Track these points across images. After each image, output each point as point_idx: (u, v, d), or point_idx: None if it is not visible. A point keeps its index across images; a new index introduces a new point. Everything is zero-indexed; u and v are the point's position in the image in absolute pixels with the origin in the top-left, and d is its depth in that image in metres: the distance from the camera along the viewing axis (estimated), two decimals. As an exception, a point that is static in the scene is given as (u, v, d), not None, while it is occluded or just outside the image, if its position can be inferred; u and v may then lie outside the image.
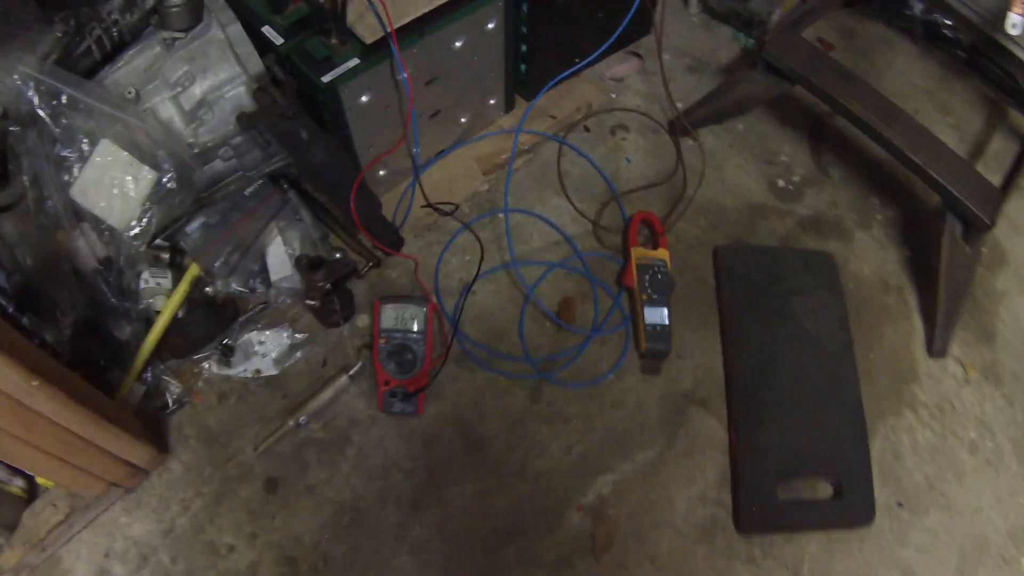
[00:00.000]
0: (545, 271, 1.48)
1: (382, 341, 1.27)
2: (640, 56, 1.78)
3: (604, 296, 1.46)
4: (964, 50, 1.83)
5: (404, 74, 1.16)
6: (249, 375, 1.35)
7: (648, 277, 1.40)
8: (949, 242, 1.38)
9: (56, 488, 1.24)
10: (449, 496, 1.25)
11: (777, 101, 1.67)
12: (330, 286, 1.28)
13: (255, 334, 1.36)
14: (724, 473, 1.29)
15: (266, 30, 1.25)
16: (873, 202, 1.62)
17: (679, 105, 1.68)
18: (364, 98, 1.25)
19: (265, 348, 1.35)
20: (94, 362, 1.30)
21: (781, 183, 1.64)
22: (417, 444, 1.29)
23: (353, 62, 1.20)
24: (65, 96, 1.16)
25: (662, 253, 1.44)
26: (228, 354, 1.35)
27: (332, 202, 1.32)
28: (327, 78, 1.18)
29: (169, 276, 1.31)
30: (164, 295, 1.30)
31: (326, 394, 1.30)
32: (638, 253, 1.43)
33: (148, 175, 1.21)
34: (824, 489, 1.28)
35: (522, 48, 1.50)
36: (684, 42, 1.84)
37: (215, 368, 1.35)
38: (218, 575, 1.21)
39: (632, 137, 1.68)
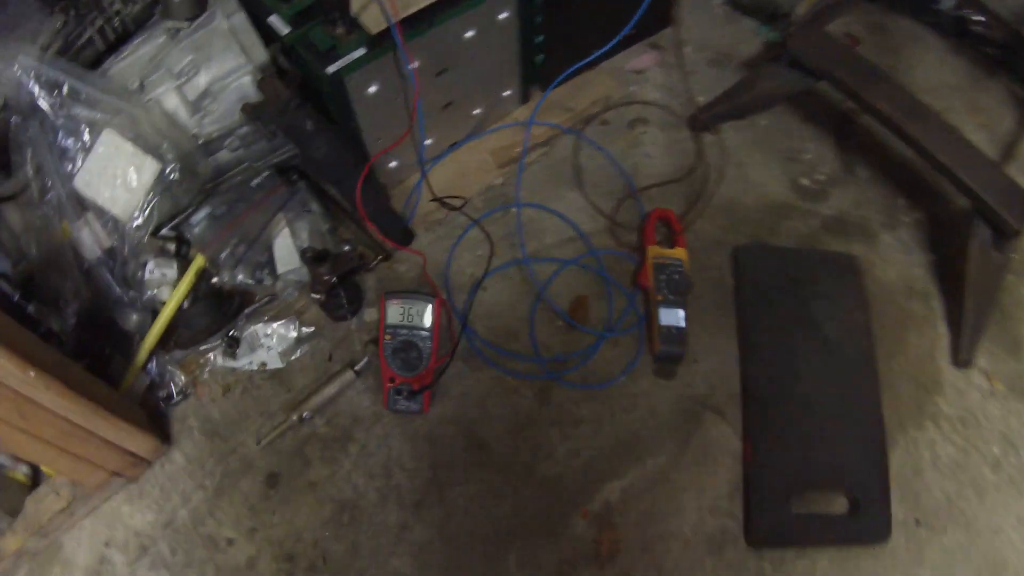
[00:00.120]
0: (558, 268, 1.44)
1: (387, 337, 1.24)
2: (661, 48, 1.74)
3: (618, 296, 1.42)
4: (995, 47, 1.76)
5: (410, 65, 1.12)
6: (254, 368, 1.33)
7: (664, 277, 1.36)
8: (977, 248, 1.33)
9: (59, 476, 1.24)
10: (452, 497, 1.23)
11: (802, 97, 1.61)
12: (336, 279, 1.26)
13: (261, 326, 1.34)
14: (736, 483, 1.25)
15: (272, 20, 1.23)
16: (900, 203, 1.56)
17: (700, 99, 1.63)
18: (371, 89, 1.23)
19: (271, 341, 1.34)
20: (99, 352, 1.30)
21: (805, 182, 1.58)
22: (421, 443, 1.27)
23: (359, 52, 1.17)
24: (66, 86, 1.15)
25: (679, 252, 1.40)
26: (233, 346, 1.33)
27: (339, 194, 1.29)
28: (331, 68, 1.16)
29: (175, 267, 1.29)
30: (169, 286, 1.29)
31: (330, 389, 1.28)
32: (654, 252, 1.39)
33: (151, 165, 1.19)
34: (840, 503, 1.24)
35: (538, 39, 1.46)
36: (706, 35, 1.79)
37: (220, 360, 1.34)
38: (216, 569, 1.20)
39: (651, 131, 1.64)
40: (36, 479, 1.27)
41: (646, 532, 1.21)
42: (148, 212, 1.23)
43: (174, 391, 1.32)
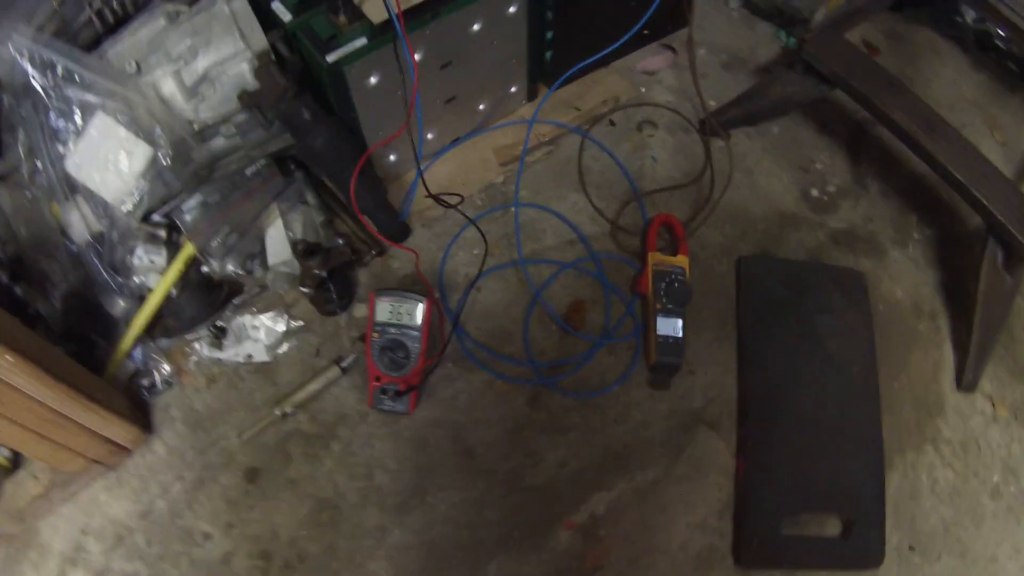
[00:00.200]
0: (556, 271, 1.41)
1: (375, 335, 1.21)
2: (674, 50, 1.70)
3: (617, 302, 1.39)
4: (1017, 63, 1.72)
5: (410, 56, 1.09)
6: (240, 360, 1.31)
7: (664, 285, 1.32)
8: (989, 269, 1.30)
9: (38, 461, 1.22)
10: (434, 502, 1.20)
11: (816, 105, 1.57)
12: (326, 274, 1.23)
13: (249, 318, 1.32)
14: (728, 501, 1.22)
15: (275, 5, 1.20)
16: (911, 219, 1.52)
17: (711, 103, 1.60)
18: (372, 80, 1.20)
19: (258, 333, 1.31)
20: (85, 337, 1.28)
21: (815, 192, 1.54)
22: (405, 445, 1.24)
23: (360, 42, 1.14)
24: (61, 68, 1.12)
25: (681, 260, 1.36)
26: (220, 337, 1.31)
27: (335, 186, 1.26)
28: (331, 57, 1.13)
29: (164, 254, 1.26)
30: (158, 273, 1.27)
31: (316, 385, 1.25)
32: (655, 258, 1.35)
33: (144, 150, 1.17)
34: (833, 526, 1.21)
35: (548, 35, 1.42)
36: (722, 37, 1.75)
37: (206, 350, 1.31)
38: (191, 563, 1.18)
39: (659, 134, 1.60)
40: (16, 462, 1.25)
41: (632, 547, 1.18)
42: (139, 197, 1.20)
43: (158, 380, 1.29)
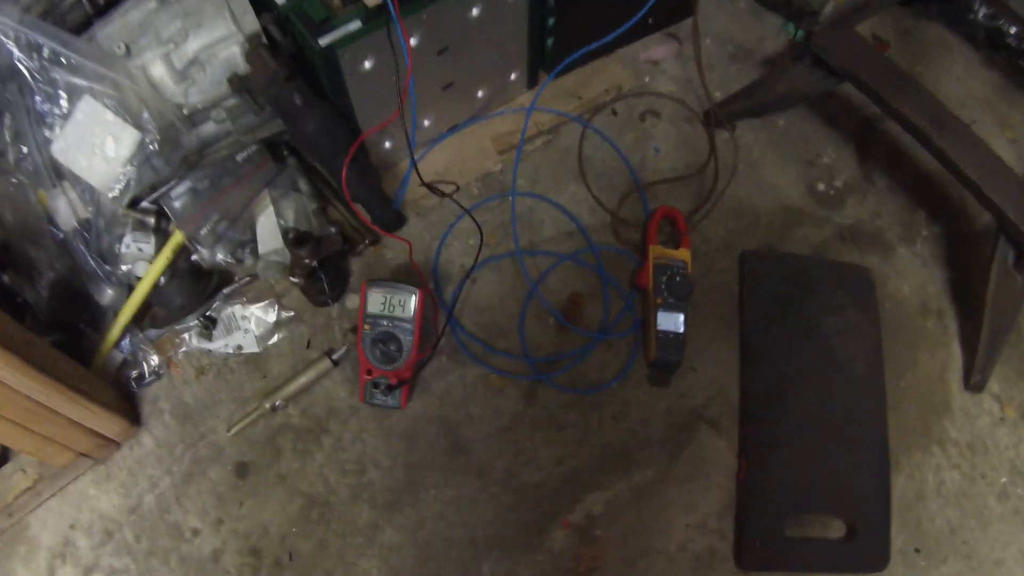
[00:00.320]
0: (554, 263, 1.38)
1: (367, 327, 1.18)
2: (679, 39, 1.66)
3: (616, 296, 1.35)
4: (1029, 61, 1.68)
5: (405, 41, 1.06)
6: (230, 351, 1.28)
7: (665, 279, 1.29)
8: (999, 268, 1.27)
9: (24, 455, 1.19)
10: (427, 500, 1.17)
11: (823, 99, 1.54)
12: (317, 263, 1.20)
13: (239, 308, 1.29)
14: (729, 502, 1.19)
15: (271, -13, 1.16)
16: (919, 216, 1.49)
17: (717, 95, 1.56)
18: (367, 64, 1.16)
19: (248, 324, 1.28)
20: (72, 327, 1.25)
21: (821, 187, 1.51)
22: (397, 441, 1.21)
23: (354, 25, 1.10)
24: (47, 50, 1.09)
25: (683, 253, 1.32)
26: (210, 327, 1.28)
27: (328, 173, 1.23)
28: (324, 41, 1.09)
29: (152, 241, 1.23)
30: (146, 261, 1.23)
31: (306, 378, 1.22)
32: (656, 252, 1.32)
33: (131, 135, 1.13)
34: (837, 528, 1.18)
35: (549, 21, 1.39)
36: (729, 28, 1.71)
37: (195, 341, 1.28)
38: (180, 559, 1.16)
39: (663, 125, 1.56)
40: (4, 456, 1.22)
41: (629, 548, 1.15)
42: (125, 183, 1.17)
43: (147, 371, 1.26)
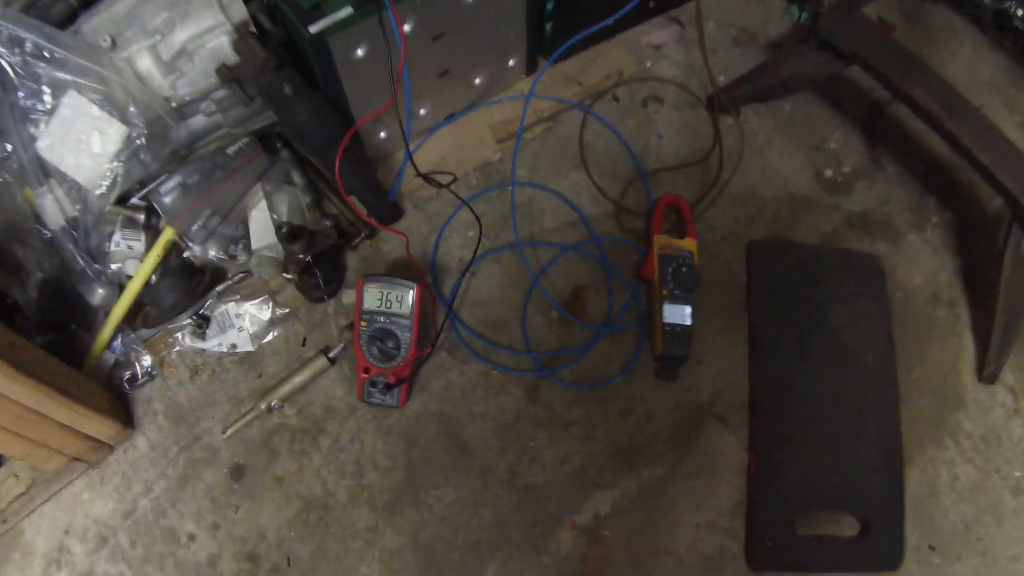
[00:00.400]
0: (556, 254, 1.34)
1: (363, 324, 1.14)
2: (681, 23, 1.61)
3: (620, 288, 1.32)
4: (1037, 44, 1.64)
5: (398, 27, 1.02)
6: (224, 350, 1.24)
7: (671, 270, 1.25)
8: (1012, 256, 1.24)
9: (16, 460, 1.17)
10: (428, 501, 1.14)
11: (829, 83, 1.49)
12: (311, 259, 1.16)
13: (233, 306, 1.25)
14: (739, 499, 1.16)
15: (257, -27, 1.12)
16: (929, 202, 1.45)
17: (721, 79, 1.51)
18: (359, 52, 1.12)
19: (242, 322, 1.25)
20: (63, 328, 1.22)
21: (829, 173, 1.47)
22: (396, 440, 1.18)
23: (345, 11, 1.06)
24: (29, 44, 1.05)
25: (689, 243, 1.29)
26: (203, 326, 1.25)
27: (321, 165, 1.19)
28: (314, 28, 1.05)
29: (142, 239, 1.20)
30: (136, 259, 1.20)
31: (302, 377, 1.19)
32: (662, 242, 1.28)
33: (118, 130, 1.10)
34: (849, 525, 1.15)
35: (548, 5, 1.34)
36: (731, 11, 1.66)
37: (188, 340, 1.25)
38: (176, 565, 1.13)
39: (666, 111, 1.52)
40: (-2, 461, 1.20)
41: (637, 549, 1.12)
42: (113, 179, 1.13)
43: (139, 372, 1.23)
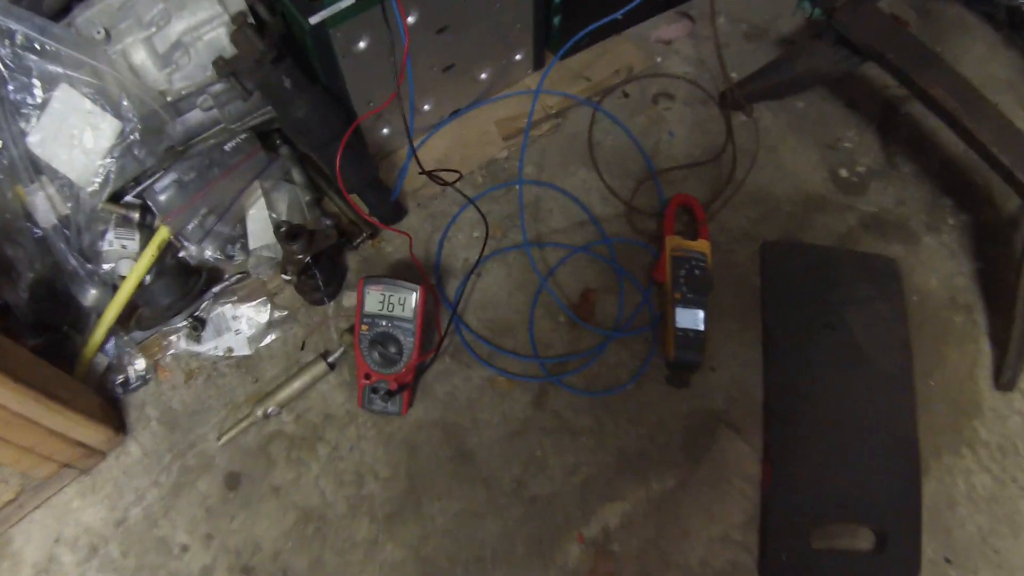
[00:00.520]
0: (565, 256, 1.30)
1: (364, 327, 1.10)
2: (692, 18, 1.57)
3: (631, 291, 1.28)
4: (1051, 42, 1.60)
5: (401, 19, 0.98)
6: (220, 353, 1.21)
7: (684, 272, 1.21)
8: (1031, 259, 1.19)
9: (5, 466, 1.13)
10: (430, 513, 1.10)
11: (844, 79, 1.46)
12: (310, 259, 1.12)
13: (230, 307, 1.21)
14: (753, 512, 1.12)
15: (258, -37, 1.08)
16: (946, 204, 1.41)
17: (733, 75, 1.48)
18: (361, 44, 1.08)
19: (239, 324, 1.21)
20: (55, 329, 1.19)
21: (844, 172, 1.43)
22: (398, 449, 1.14)
23: (347, 1, 1.02)
24: (20, 36, 1.01)
25: (702, 245, 1.25)
26: (198, 328, 1.21)
27: (322, 162, 1.15)
28: (315, 19, 1.01)
29: (136, 238, 1.16)
30: (130, 259, 1.16)
31: (301, 383, 1.15)
32: (674, 243, 1.24)
33: (111, 125, 1.06)
34: (865, 537, 1.11)
35: (556, -2, 1.31)
36: (742, 6, 1.62)
37: (183, 343, 1.21)
38: (168, 576, 1.09)
39: (677, 108, 1.48)
40: (-14, 467, 1.16)
41: (648, 563, 1.08)
42: (106, 176, 1.09)
43: (132, 376, 1.20)
